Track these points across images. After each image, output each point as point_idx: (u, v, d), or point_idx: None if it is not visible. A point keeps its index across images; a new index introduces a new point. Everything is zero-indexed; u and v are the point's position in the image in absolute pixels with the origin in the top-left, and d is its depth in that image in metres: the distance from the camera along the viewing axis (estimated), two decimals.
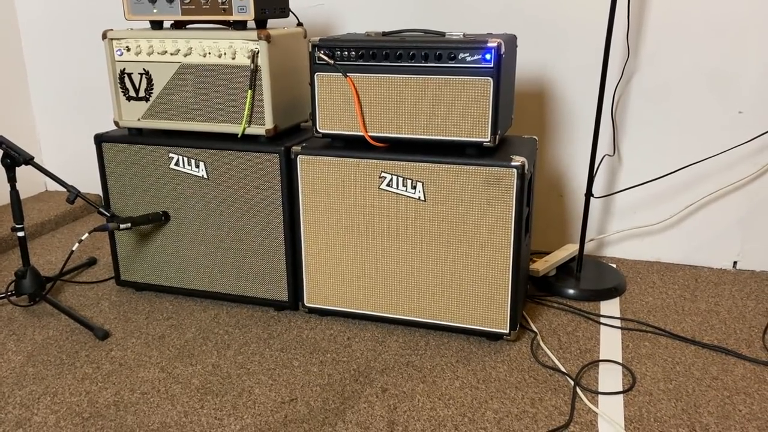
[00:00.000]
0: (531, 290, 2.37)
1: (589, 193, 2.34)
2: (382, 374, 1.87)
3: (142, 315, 2.23)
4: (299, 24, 2.30)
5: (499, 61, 1.80)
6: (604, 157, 2.54)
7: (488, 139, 1.87)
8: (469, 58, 1.82)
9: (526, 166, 1.86)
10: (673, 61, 2.40)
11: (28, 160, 2.11)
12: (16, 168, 2.14)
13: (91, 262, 2.66)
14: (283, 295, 2.20)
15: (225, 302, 2.30)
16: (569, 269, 2.46)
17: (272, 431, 1.63)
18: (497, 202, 1.89)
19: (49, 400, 1.77)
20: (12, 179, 2.15)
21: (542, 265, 2.38)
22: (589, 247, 2.67)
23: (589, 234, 2.65)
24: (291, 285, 2.18)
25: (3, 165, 2.13)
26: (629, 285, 2.43)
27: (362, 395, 1.77)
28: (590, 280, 2.38)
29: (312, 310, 2.19)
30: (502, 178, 1.86)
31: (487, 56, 1.80)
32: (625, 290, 2.38)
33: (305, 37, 2.25)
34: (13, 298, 2.30)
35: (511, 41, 1.96)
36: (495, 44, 1.78)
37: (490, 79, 1.81)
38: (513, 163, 1.84)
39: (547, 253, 2.55)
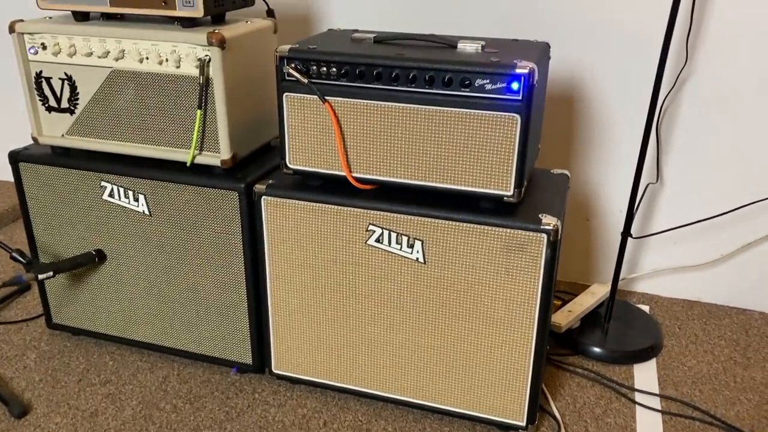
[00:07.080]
0: (550, 347, 1.96)
1: (626, 233, 1.90)
2: None
3: (75, 376, 1.81)
4: (269, 13, 1.80)
5: (530, 93, 1.32)
6: (648, 186, 2.08)
7: (510, 193, 1.41)
8: (489, 86, 1.34)
9: (559, 230, 1.41)
10: (734, 68, 1.91)
11: None
12: None
13: (24, 289, 2.23)
14: (247, 358, 1.79)
15: (178, 358, 1.89)
16: (595, 316, 2.04)
17: None
18: (519, 272, 1.45)
19: None
20: None
21: (565, 319, 1.95)
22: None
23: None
24: (256, 347, 1.77)
25: None
26: (667, 338, 2.02)
27: None
28: (620, 333, 1.97)
29: (281, 377, 1.78)
30: (528, 244, 1.42)
31: (514, 85, 1.32)
32: (662, 347, 1.98)
33: (275, 32, 1.75)
34: None
35: (544, 55, 1.48)
36: (526, 70, 1.30)
37: (517, 117, 1.34)
38: (543, 226, 1.39)
39: (568, 291, 2.13)
